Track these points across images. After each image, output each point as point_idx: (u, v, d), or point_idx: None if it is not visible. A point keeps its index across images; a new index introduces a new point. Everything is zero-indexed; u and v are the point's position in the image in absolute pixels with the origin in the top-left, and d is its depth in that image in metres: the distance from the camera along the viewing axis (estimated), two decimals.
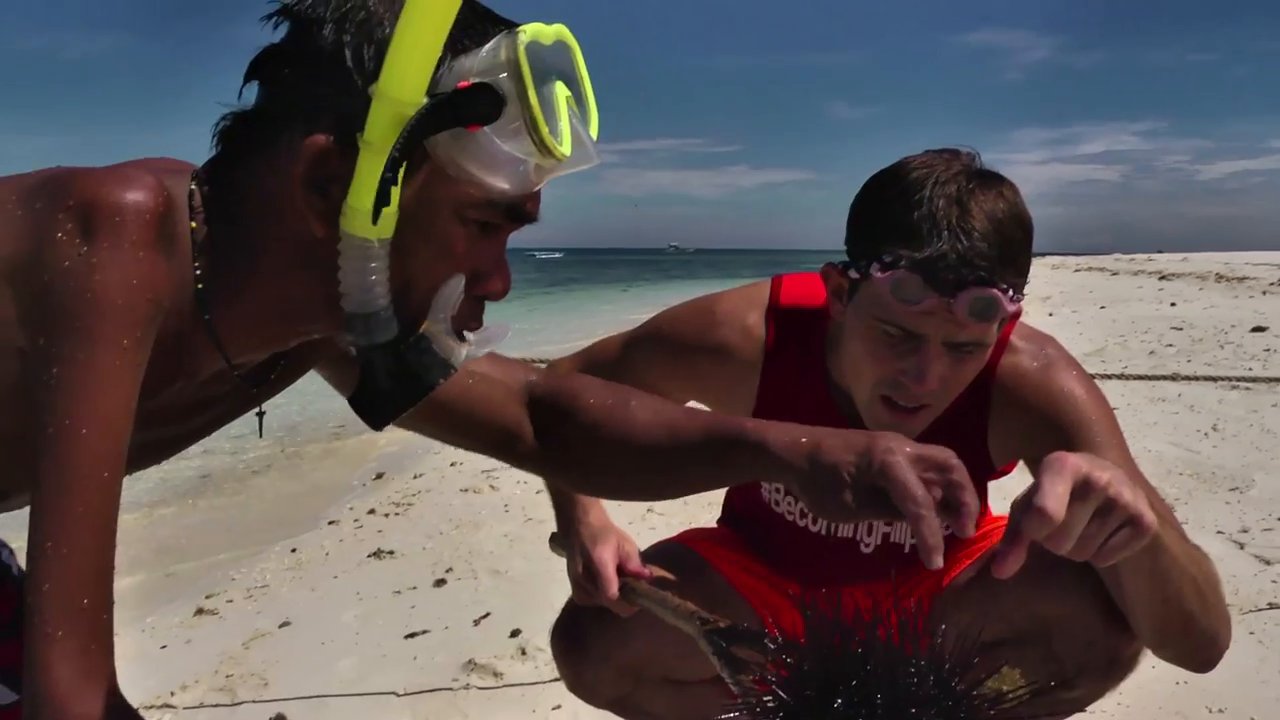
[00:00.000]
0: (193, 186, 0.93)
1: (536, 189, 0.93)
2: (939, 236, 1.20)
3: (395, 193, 0.86)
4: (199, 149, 0.98)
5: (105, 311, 0.84)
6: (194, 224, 0.92)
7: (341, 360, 1.14)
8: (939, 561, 0.92)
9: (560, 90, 0.91)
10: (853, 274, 1.29)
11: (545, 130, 0.87)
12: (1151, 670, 1.46)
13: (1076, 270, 29.85)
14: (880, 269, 1.23)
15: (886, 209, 1.25)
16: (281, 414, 7.65)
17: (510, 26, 0.89)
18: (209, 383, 1.02)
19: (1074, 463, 0.92)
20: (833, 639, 0.92)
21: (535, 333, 16.38)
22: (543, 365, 1.67)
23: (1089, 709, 1.49)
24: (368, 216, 0.86)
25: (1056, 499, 0.90)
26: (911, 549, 1.50)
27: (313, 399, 8.47)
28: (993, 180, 1.26)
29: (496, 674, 2.54)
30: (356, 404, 0.97)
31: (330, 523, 4.27)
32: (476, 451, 1.22)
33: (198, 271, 0.92)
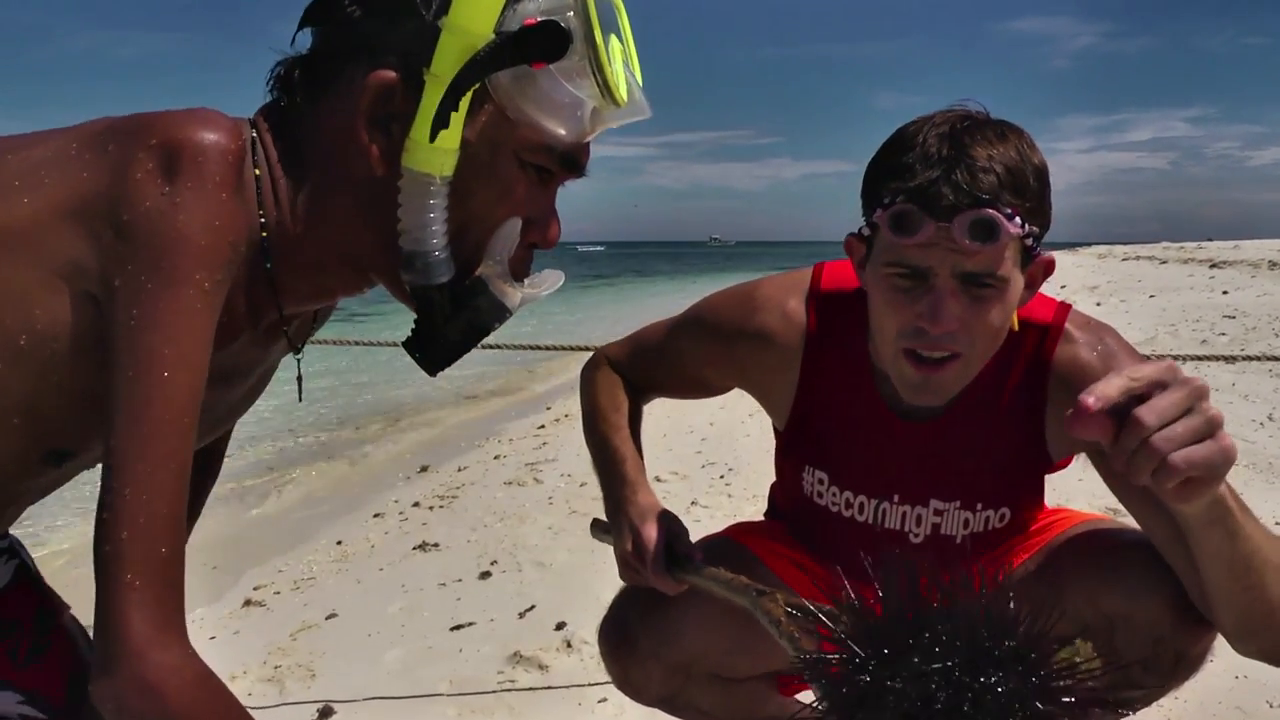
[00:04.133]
0: (253, 134, 0.93)
1: (589, 138, 0.94)
2: (931, 167, 1.18)
3: (457, 130, 0.87)
4: None
5: (189, 251, 0.83)
6: (258, 171, 0.92)
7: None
8: None
9: (615, 44, 0.92)
10: (865, 231, 1.28)
11: (609, 70, 0.88)
12: (1210, 664, 1.42)
13: (1124, 259, 29.37)
14: (881, 211, 1.21)
15: (883, 160, 1.24)
16: (327, 408, 7.73)
17: None
18: (262, 343, 1.01)
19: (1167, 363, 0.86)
20: (907, 598, 0.90)
21: (579, 324, 16.41)
22: (590, 351, 1.65)
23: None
24: (431, 150, 0.87)
25: (1151, 369, 0.85)
26: (964, 540, 1.47)
27: (359, 391, 8.55)
28: (995, 123, 1.24)
29: (542, 667, 2.54)
30: (412, 348, 0.96)
31: (375, 515, 4.29)
32: None
33: (262, 219, 0.92)
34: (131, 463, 0.81)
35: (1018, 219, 1.18)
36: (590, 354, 1.73)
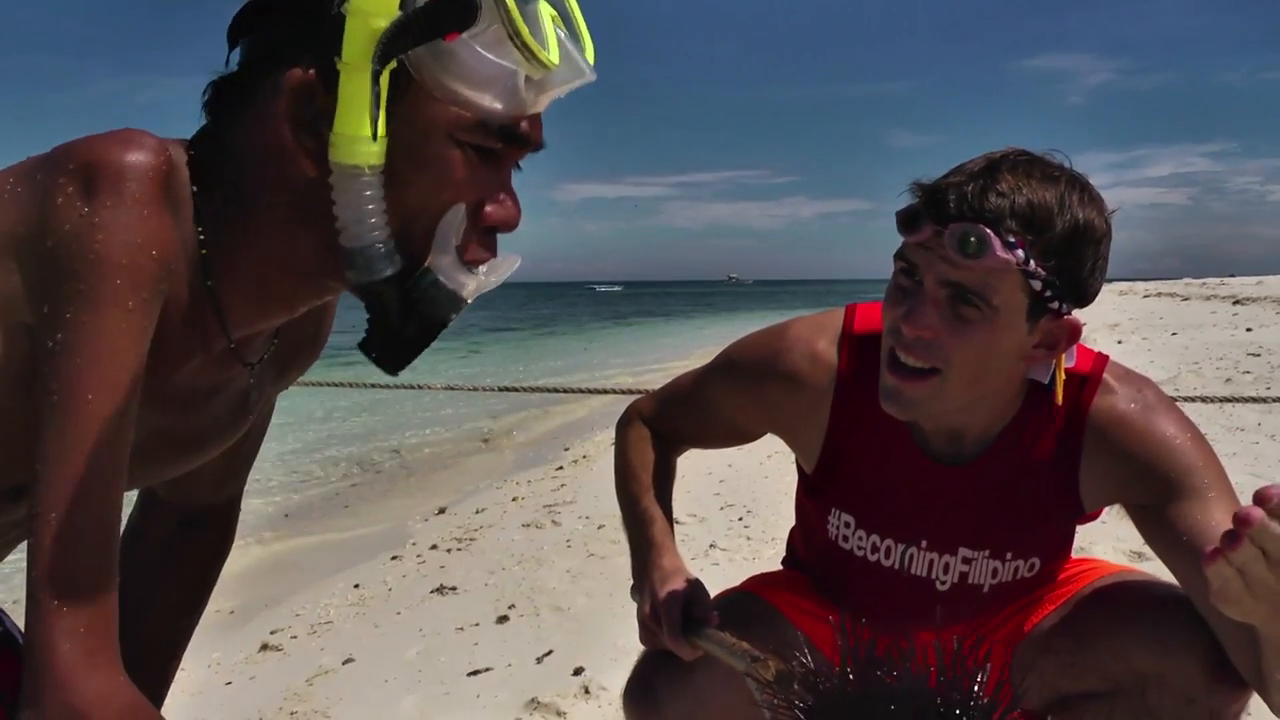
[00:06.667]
0: (189, 153, 0.92)
1: (533, 111, 0.90)
2: (953, 176, 1.21)
3: (380, 118, 0.84)
4: None
5: (108, 272, 0.81)
6: (194, 188, 0.90)
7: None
8: None
9: (544, 8, 0.89)
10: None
11: (526, 32, 0.84)
12: (1248, 718, 1.38)
13: (1145, 296, 29.25)
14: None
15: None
16: (342, 449, 7.73)
17: None
18: (220, 364, 1.00)
19: None
20: (867, 669, 0.92)
21: (598, 365, 16.41)
22: (634, 395, 1.64)
23: None
24: (354, 141, 0.84)
25: None
26: (991, 589, 1.44)
27: (373, 432, 8.55)
28: (1057, 171, 1.22)
29: (560, 713, 2.50)
30: (368, 349, 0.92)
31: (393, 557, 4.27)
32: None
33: (201, 237, 0.90)
34: (56, 488, 0.79)
35: (1020, 251, 1.17)
36: (598, 393, 1.72)
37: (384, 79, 0.83)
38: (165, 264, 0.85)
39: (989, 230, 1.16)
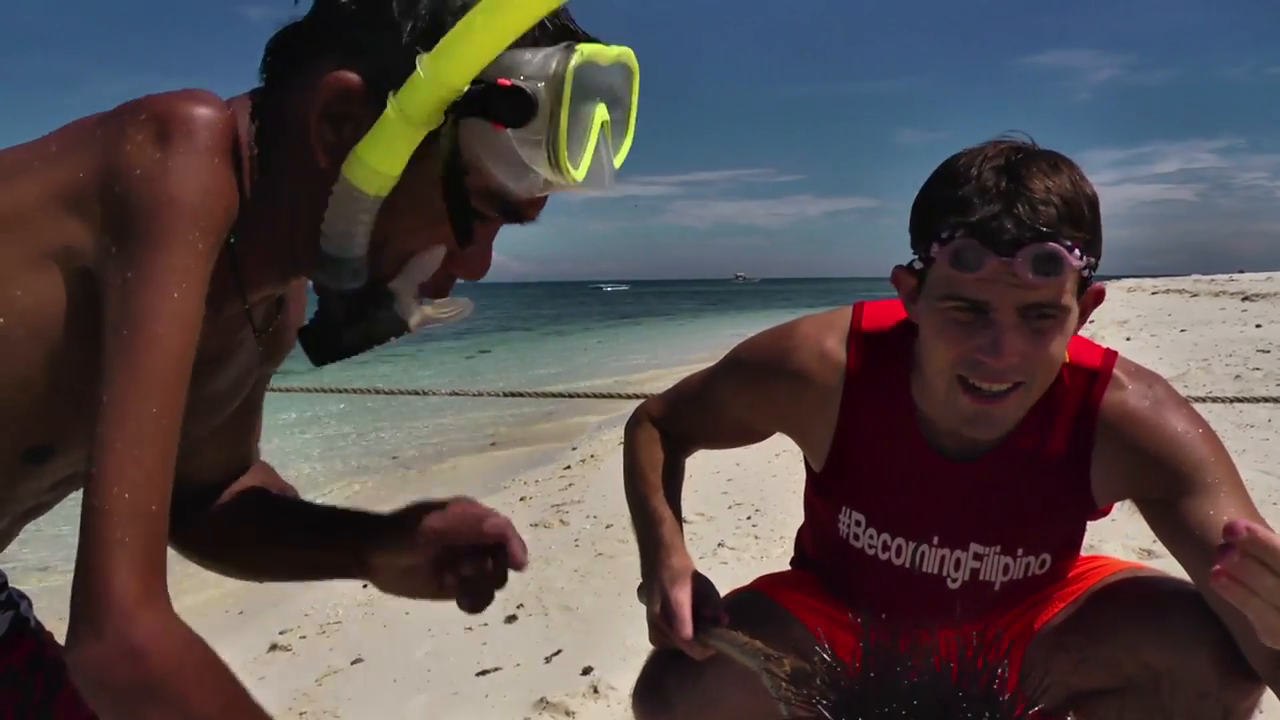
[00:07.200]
0: (230, 110, 0.94)
1: (540, 195, 0.93)
2: (990, 201, 1.19)
3: (403, 158, 0.87)
4: None
5: (180, 214, 0.83)
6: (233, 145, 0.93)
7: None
8: None
9: (600, 113, 0.91)
10: (917, 265, 1.27)
11: (565, 154, 0.87)
12: (1260, 715, 1.37)
13: (1154, 293, 29.17)
14: (939, 245, 1.21)
15: (937, 193, 1.25)
16: (349, 452, 7.74)
17: (579, 40, 0.89)
18: (227, 330, 1.00)
19: None
20: (887, 668, 0.92)
21: (600, 364, 16.42)
22: (640, 399, 1.63)
23: None
24: (375, 173, 0.87)
25: None
26: (1002, 586, 1.44)
27: (379, 436, 8.57)
28: (1046, 154, 1.24)
29: (568, 713, 2.51)
30: (304, 338, 0.96)
31: None
32: None
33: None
34: (123, 418, 0.80)
35: (1077, 251, 1.19)
36: (596, 397, 1.72)
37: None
38: (229, 213, 0.88)
39: (1057, 245, 1.17)
